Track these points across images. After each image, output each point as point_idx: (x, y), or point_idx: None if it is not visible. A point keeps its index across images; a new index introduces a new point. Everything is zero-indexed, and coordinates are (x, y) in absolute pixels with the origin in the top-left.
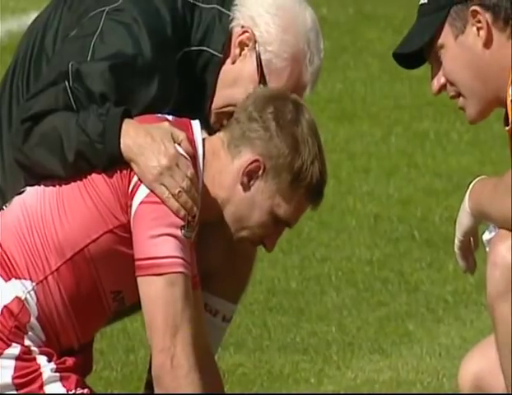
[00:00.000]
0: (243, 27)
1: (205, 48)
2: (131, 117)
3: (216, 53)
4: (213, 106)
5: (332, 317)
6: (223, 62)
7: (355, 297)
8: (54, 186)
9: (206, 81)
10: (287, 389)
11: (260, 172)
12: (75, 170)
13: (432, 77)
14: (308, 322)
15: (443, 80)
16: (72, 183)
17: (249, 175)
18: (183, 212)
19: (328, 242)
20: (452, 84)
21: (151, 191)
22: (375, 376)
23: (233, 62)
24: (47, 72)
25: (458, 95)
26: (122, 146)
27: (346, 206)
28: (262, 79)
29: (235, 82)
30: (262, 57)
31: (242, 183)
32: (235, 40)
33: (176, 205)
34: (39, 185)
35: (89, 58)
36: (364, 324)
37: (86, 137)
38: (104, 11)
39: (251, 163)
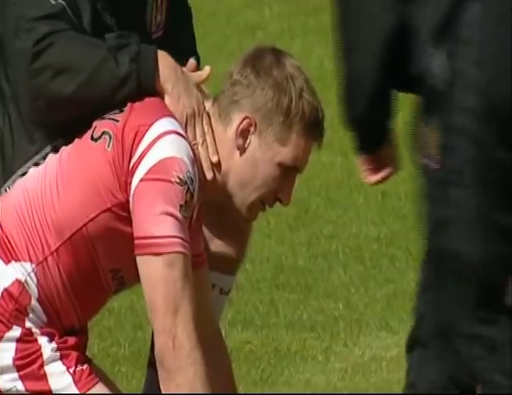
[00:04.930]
0: None
1: None
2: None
3: None
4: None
5: (340, 294)
6: None
7: (362, 274)
8: (55, 167)
9: None
10: (294, 366)
11: (252, 128)
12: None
13: None
14: (315, 300)
15: None
16: (73, 162)
17: (243, 135)
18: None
19: (336, 219)
20: None
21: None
22: (382, 353)
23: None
24: None
25: None
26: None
27: (354, 183)
28: None
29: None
30: None
31: (238, 147)
32: None
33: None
34: (41, 167)
35: None
36: (371, 301)
37: (118, 82)
38: None
39: (241, 122)
